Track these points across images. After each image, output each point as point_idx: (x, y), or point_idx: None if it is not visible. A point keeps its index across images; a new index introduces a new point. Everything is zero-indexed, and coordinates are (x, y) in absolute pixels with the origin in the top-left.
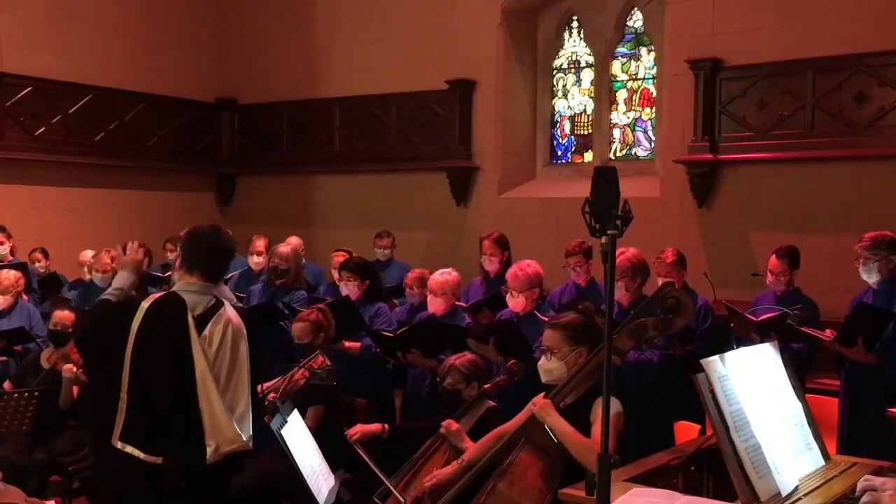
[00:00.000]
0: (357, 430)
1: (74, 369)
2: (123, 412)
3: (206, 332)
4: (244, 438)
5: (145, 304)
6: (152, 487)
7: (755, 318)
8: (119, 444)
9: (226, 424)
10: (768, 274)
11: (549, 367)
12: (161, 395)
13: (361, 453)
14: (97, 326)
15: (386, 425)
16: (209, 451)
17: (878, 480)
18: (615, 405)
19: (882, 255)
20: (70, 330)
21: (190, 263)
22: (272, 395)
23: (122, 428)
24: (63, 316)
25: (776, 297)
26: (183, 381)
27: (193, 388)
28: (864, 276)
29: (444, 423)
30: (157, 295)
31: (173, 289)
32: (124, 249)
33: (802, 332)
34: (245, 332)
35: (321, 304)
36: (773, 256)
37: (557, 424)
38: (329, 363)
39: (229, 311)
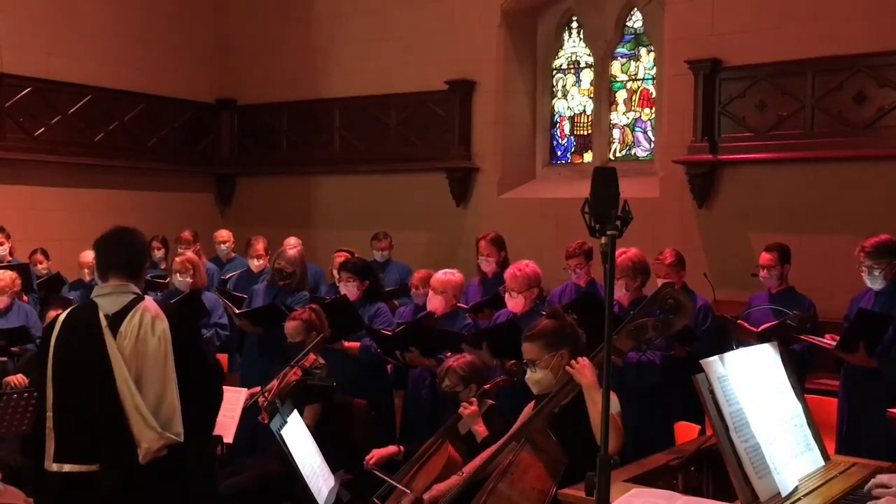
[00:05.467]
0: (373, 456)
1: None
2: (52, 431)
3: (122, 328)
4: (170, 434)
5: (62, 317)
6: (96, 497)
7: (756, 329)
8: (55, 467)
9: (150, 423)
10: (760, 269)
11: (536, 378)
12: (86, 402)
13: (381, 475)
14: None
15: (401, 447)
16: (140, 451)
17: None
18: (614, 403)
19: (886, 262)
20: None
21: (103, 269)
22: (267, 395)
23: (54, 448)
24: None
25: (771, 295)
26: (104, 383)
27: (115, 390)
28: (869, 284)
29: (462, 405)
30: (75, 305)
31: (91, 296)
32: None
33: (803, 340)
34: (166, 321)
35: (314, 304)
36: (763, 251)
37: (592, 389)
38: (322, 361)
39: (147, 304)
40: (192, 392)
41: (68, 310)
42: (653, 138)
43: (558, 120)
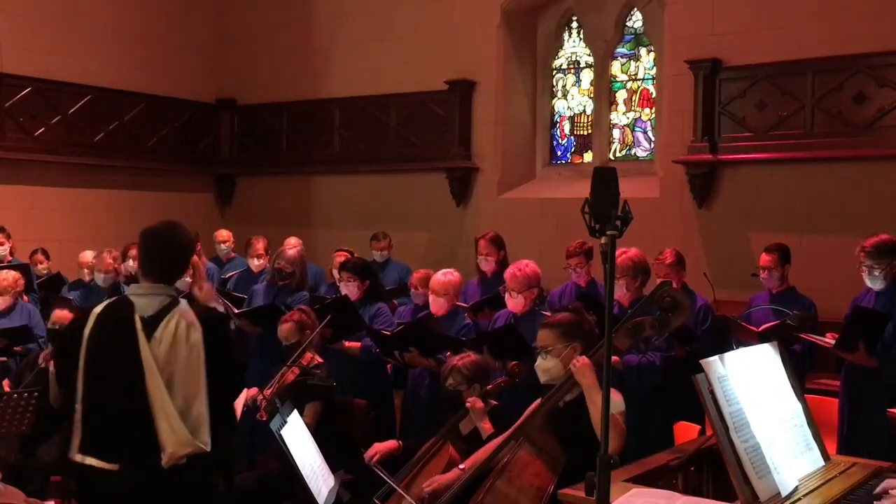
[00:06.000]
0: (375, 451)
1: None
2: (80, 423)
3: (157, 333)
4: (198, 443)
5: (97, 310)
6: (113, 495)
7: (756, 329)
8: (78, 458)
9: (178, 428)
10: (760, 271)
11: (546, 366)
12: (114, 400)
13: (381, 474)
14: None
15: (401, 442)
16: (165, 456)
17: None
18: (618, 403)
19: (886, 262)
20: None
21: (143, 267)
22: (266, 393)
23: (80, 440)
24: (62, 315)
25: (771, 295)
26: (134, 384)
27: (145, 392)
28: (870, 284)
29: (470, 399)
30: (109, 300)
31: (125, 292)
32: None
33: (803, 339)
34: (200, 331)
35: (303, 305)
36: (763, 253)
37: (592, 390)
38: (319, 359)
39: (183, 310)
40: (219, 401)
41: (104, 304)
42: (653, 138)
43: (558, 120)
